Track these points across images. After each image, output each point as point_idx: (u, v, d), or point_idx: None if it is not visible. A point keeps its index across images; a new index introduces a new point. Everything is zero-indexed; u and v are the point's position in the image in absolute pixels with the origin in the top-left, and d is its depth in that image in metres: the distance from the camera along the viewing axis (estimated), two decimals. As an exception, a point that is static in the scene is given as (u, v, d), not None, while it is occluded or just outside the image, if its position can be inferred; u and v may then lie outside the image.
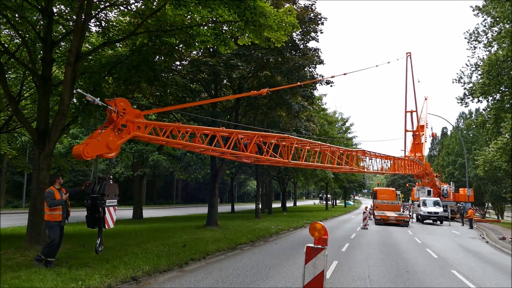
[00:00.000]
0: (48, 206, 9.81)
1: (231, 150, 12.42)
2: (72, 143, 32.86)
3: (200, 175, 49.99)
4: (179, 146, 11.50)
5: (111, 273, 9.30)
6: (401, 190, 77.72)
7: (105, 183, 8.17)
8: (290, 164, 16.11)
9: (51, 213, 9.94)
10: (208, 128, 11.98)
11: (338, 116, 67.26)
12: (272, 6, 13.90)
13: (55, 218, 9.97)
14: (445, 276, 12.45)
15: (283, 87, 20.66)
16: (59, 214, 10.03)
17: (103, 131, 8.36)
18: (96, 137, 8.21)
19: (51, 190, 9.97)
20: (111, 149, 8.33)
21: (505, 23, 25.41)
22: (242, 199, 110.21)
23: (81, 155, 7.75)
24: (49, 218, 9.98)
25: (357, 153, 23.18)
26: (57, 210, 9.99)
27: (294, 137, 16.29)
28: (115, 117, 8.46)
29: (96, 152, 8.03)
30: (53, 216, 9.95)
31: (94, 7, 14.69)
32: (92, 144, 7.98)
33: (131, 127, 8.89)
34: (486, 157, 35.56)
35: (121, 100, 8.73)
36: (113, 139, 8.39)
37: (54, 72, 17.39)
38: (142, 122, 9.23)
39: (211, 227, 22.62)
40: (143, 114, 9.38)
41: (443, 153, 72.10)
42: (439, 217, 40.87)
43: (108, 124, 8.53)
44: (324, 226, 7.32)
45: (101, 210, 8.06)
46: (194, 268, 11.85)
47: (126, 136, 8.82)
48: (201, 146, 11.28)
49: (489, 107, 31.71)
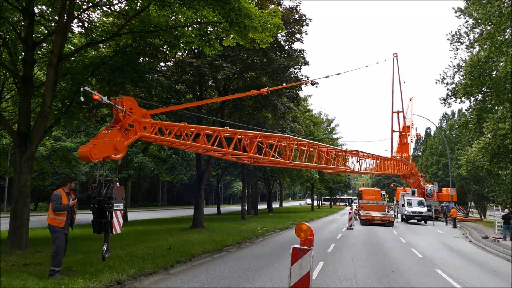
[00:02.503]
0: (53, 210, 9.13)
1: (232, 151, 12.25)
2: (55, 146, 32.31)
3: (185, 176, 49.66)
4: (183, 146, 11.29)
5: (95, 277, 9.15)
6: (386, 190, 78.39)
7: (112, 186, 7.86)
8: (290, 165, 16.06)
9: (54, 217, 9.22)
10: (212, 128, 11.81)
11: (323, 117, 67.65)
12: (257, 8, 13.89)
13: (57, 224, 9.21)
14: (429, 275, 12.57)
15: (282, 86, 20.73)
16: (63, 220, 9.25)
17: (110, 131, 8.06)
18: (102, 137, 7.91)
19: (59, 193, 9.28)
20: (118, 150, 8.06)
21: (487, 25, 25.79)
22: (228, 200, 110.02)
23: (88, 156, 7.49)
24: (51, 222, 9.27)
25: (352, 153, 23.35)
26: (62, 215, 9.23)
27: (295, 138, 16.27)
28: (122, 116, 8.18)
29: (103, 154, 7.76)
30: (56, 221, 9.22)
31: (77, 7, 14.52)
32: (99, 145, 7.70)
33: (138, 127, 8.64)
34: (468, 157, 36.03)
35: (128, 99, 8.48)
36: (120, 139, 8.12)
37: (36, 74, 17.12)
38: (148, 122, 8.97)
39: (197, 229, 22.50)
40: (149, 113, 9.12)
41: (427, 153, 72.99)
42: (423, 217, 41.36)
43: (114, 124, 8.24)
44: (310, 227, 7.31)
45: (109, 215, 7.76)
46: (180, 270, 11.74)
47: (133, 136, 8.57)
48: (205, 147, 11.07)
49: (472, 108, 32.19)
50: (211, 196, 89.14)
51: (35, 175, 25.73)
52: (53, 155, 30.57)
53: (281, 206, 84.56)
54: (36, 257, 11.48)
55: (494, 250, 19.91)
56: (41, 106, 13.11)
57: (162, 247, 14.64)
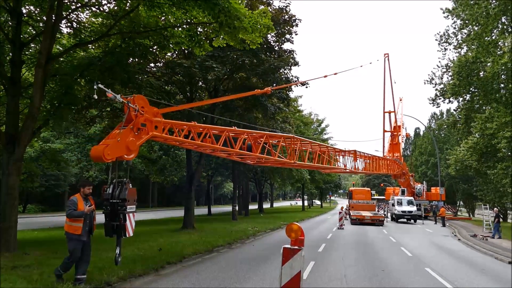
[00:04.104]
0: (66, 216, 8.52)
1: (239, 151, 12.17)
2: (44, 147, 32.00)
3: (176, 177, 49.49)
4: (191, 146, 11.20)
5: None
6: (376, 190, 78.85)
7: (125, 188, 7.69)
8: (295, 165, 16.08)
9: (70, 223, 8.53)
10: (220, 127, 11.76)
11: (313, 118, 67.81)
12: (246, 8, 13.89)
13: (74, 231, 8.50)
14: (419, 274, 12.69)
15: (283, 86, 20.74)
16: (79, 226, 8.51)
17: (122, 130, 7.89)
18: (115, 137, 7.77)
19: (75, 198, 8.61)
20: (131, 150, 7.91)
21: (474, 26, 26.11)
22: (219, 201, 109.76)
23: (101, 157, 7.34)
24: (67, 229, 8.56)
25: (350, 153, 23.49)
26: (78, 221, 8.51)
27: (299, 137, 16.31)
28: (134, 116, 8.04)
29: (116, 154, 7.61)
30: (72, 228, 8.51)
31: (65, 8, 14.38)
32: (112, 145, 7.54)
33: (150, 126, 8.50)
34: (457, 156, 36.41)
35: (139, 97, 8.35)
36: (133, 139, 7.96)
37: (24, 75, 16.93)
38: (160, 121, 8.83)
39: (188, 230, 22.43)
40: (161, 112, 8.98)
41: (416, 153, 73.48)
42: (413, 216, 41.71)
43: (126, 123, 8.07)
44: (301, 227, 7.34)
45: (122, 217, 7.60)
46: (171, 271, 11.70)
47: (145, 136, 8.43)
48: (213, 147, 10.95)
49: (460, 108, 32.55)
50: (202, 197, 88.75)
51: (24, 177, 25.47)
52: (41, 156, 30.29)
53: (272, 207, 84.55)
54: (24, 260, 11.36)
55: (482, 248, 20.13)
56: (30, 107, 12.98)
57: (153, 248, 14.58)
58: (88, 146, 31.02)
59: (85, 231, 8.60)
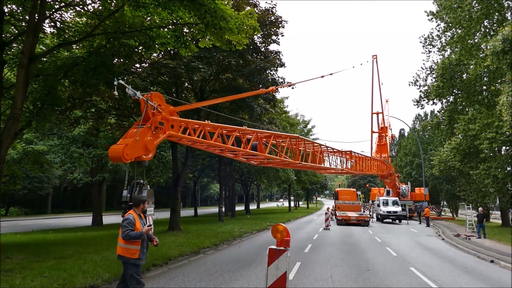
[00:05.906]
0: (122, 238, 6.99)
1: (247, 150, 12.10)
2: (27, 149, 31.49)
3: (162, 179, 49.09)
4: (202, 146, 11.07)
5: (69, 282, 8.98)
6: (361, 191, 79.39)
7: (144, 189, 7.49)
8: (299, 165, 16.05)
9: (126, 246, 7.06)
10: (232, 127, 11.66)
11: (300, 119, 68.05)
12: (233, 9, 13.88)
13: (131, 255, 7.05)
14: (404, 274, 12.82)
15: (284, 85, 20.78)
16: (137, 249, 7.09)
17: (140, 129, 7.64)
18: (133, 136, 7.54)
19: (132, 216, 7.09)
20: (149, 150, 7.68)
21: (457, 29, 26.52)
22: (205, 202, 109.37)
23: (121, 157, 7.13)
24: (123, 253, 7.10)
25: (346, 154, 23.63)
26: (135, 243, 7.07)
27: (303, 138, 16.29)
28: (152, 114, 7.82)
29: (135, 154, 7.40)
30: (129, 252, 7.05)
31: (48, 7, 14.17)
32: (131, 144, 7.31)
33: (166, 125, 8.29)
34: (441, 157, 36.88)
35: (156, 95, 8.13)
36: (151, 138, 7.72)
37: (6, 75, 16.64)
38: (176, 120, 8.61)
39: (174, 231, 22.29)
40: (177, 110, 8.79)
41: (401, 154, 74.24)
42: (398, 216, 42.16)
43: (144, 122, 7.84)
44: (286, 228, 7.36)
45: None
46: (156, 274, 11.61)
47: (162, 135, 8.21)
48: (224, 146, 10.86)
49: (443, 109, 32.99)
50: (188, 199, 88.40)
51: (6, 179, 25.05)
52: (24, 158, 29.81)
53: (258, 208, 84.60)
54: (7, 264, 11.16)
55: (465, 247, 20.42)
56: (12, 108, 12.74)
57: (138, 250, 14.43)
58: (72, 148, 30.64)
59: (142, 253, 7.26)
